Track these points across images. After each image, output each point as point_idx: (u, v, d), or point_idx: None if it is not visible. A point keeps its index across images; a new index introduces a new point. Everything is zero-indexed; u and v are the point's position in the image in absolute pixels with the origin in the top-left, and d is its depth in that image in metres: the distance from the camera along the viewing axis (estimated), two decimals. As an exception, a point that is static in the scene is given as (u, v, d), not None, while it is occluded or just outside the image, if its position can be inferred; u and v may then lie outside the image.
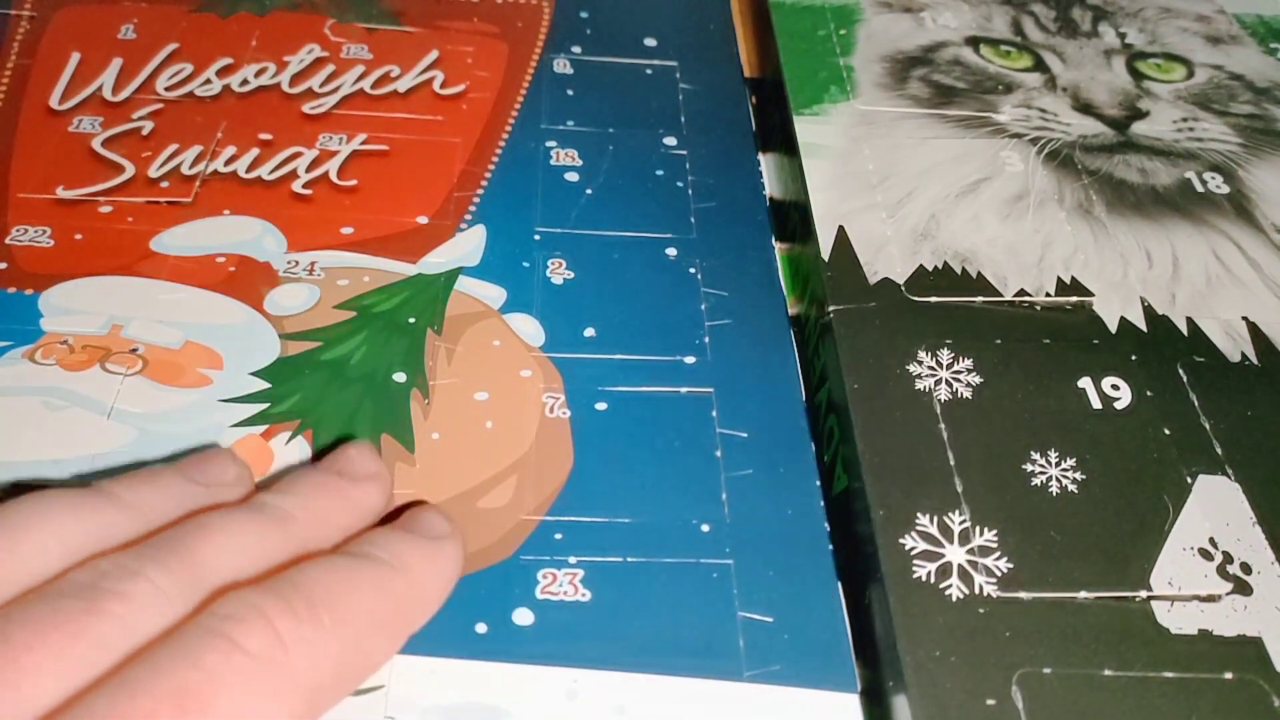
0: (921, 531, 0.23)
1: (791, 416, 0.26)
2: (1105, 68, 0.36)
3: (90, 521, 0.19)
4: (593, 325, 0.28)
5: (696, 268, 0.30)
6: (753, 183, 0.32)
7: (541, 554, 0.23)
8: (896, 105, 0.34)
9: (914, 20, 0.38)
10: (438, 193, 0.31)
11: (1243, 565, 0.23)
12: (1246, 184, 0.32)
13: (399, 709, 0.20)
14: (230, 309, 0.27)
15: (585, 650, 0.22)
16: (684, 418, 0.26)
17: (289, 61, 0.34)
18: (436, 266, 0.29)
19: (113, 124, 0.32)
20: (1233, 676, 0.21)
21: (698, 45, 0.37)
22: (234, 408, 0.25)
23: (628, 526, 0.24)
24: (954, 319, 0.27)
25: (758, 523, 0.24)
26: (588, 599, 0.22)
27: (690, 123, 0.34)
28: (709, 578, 0.23)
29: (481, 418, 0.25)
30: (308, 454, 0.24)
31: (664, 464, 0.25)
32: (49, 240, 0.28)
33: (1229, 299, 0.28)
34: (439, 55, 0.35)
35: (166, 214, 0.29)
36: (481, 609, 0.22)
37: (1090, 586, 0.22)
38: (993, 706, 0.20)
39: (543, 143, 0.33)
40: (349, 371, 0.26)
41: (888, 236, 0.29)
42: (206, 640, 0.17)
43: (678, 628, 0.22)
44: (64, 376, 0.25)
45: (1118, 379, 0.26)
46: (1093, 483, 0.24)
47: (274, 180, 0.30)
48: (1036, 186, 0.31)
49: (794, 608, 0.23)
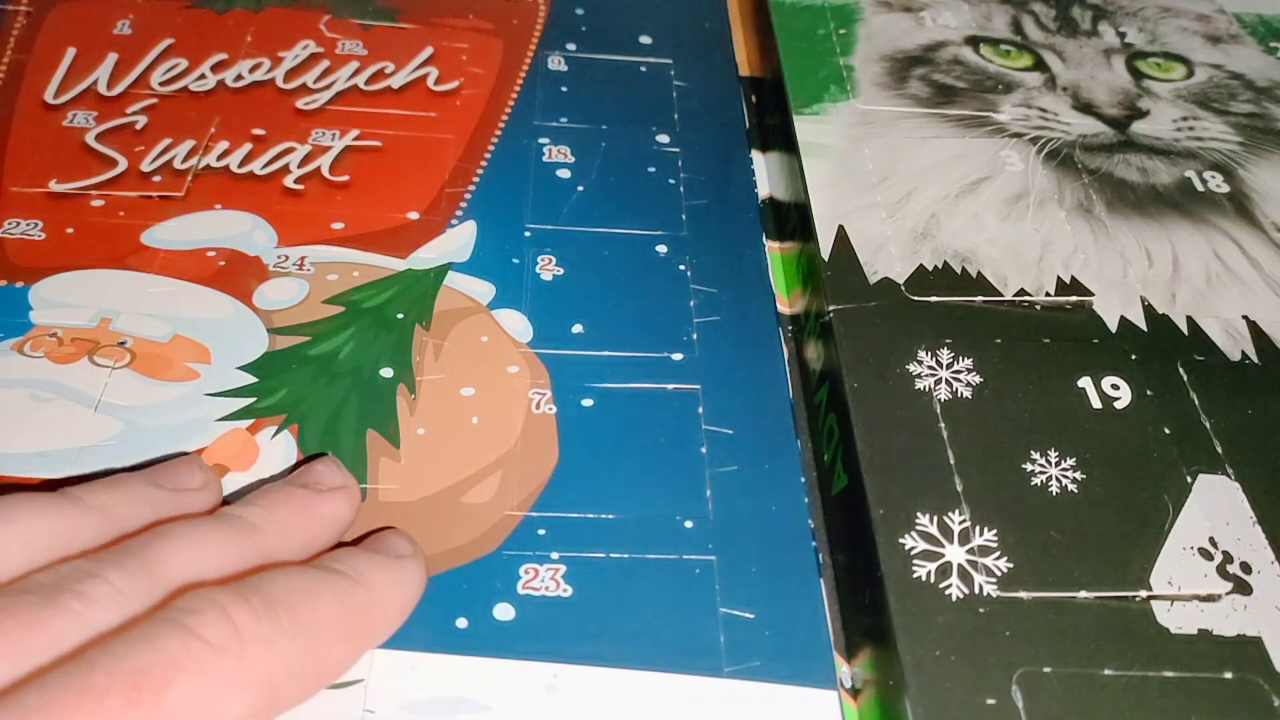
0: (921, 531, 0.23)
1: (778, 413, 0.26)
2: (1105, 67, 0.36)
3: (54, 525, 0.19)
4: (581, 322, 0.28)
5: (686, 265, 0.30)
6: (745, 181, 0.32)
7: (524, 549, 0.23)
8: (896, 105, 0.34)
9: (914, 20, 0.38)
10: (430, 189, 0.31)
11: (1243, 565, 0.23)
12: (1247, 183, 0.32)
13: (378, 703, 0.20)
14: (219, 303, 0.27)
15: (566, 646, 0.22)
16: (670, 414, 0.26)
17: (284, 57, 0.34)
18: (426, 262, 0.29)
19: (107, 118, 0.32)
20: (1233, 676, 0.21)
21: (693, 43, 0.37)
22: (221, 401, 0.25)
23: (611, 523, 0.24)
24: (954, 318, 0.27)
25: (741, 519, 0.24)
26: (569, 594, 0.22)
27: (684, 120, 0.34)
28: (691, 574, 0.23)
29: (467, 413, 0.25)
30: (293, 448, 0.24)
31: (649, 460, 0.25)
32: (40, 234, 0.28)
33: (1229, 298, 0.28)
34: (434, 52, 0.35)
35: (158, 208, 0.29)
36: (462, 604, 0.22)
37: (1090, 586, 0.22)
38: (993, 706, 0.20)
39: (535, 139, 0.33)
40: (336, 366, 0.26)
41: (887, 236, 0.29)
42: (164, 628, 0.17)
43: (659, 624, 0.22)
44: (52, 369, 0.25)
45: (1118, 378, 0.26)
46: (1093, 482, 0.24)
47: (266, 175, 0.31)
48: (1036, 186, 0.31)
49: (775, 604, 0.23)
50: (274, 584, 0.19)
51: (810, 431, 0.27)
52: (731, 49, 0.37)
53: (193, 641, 0.17)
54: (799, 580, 0.23)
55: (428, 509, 0.23)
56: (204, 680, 0.17)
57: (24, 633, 0.17)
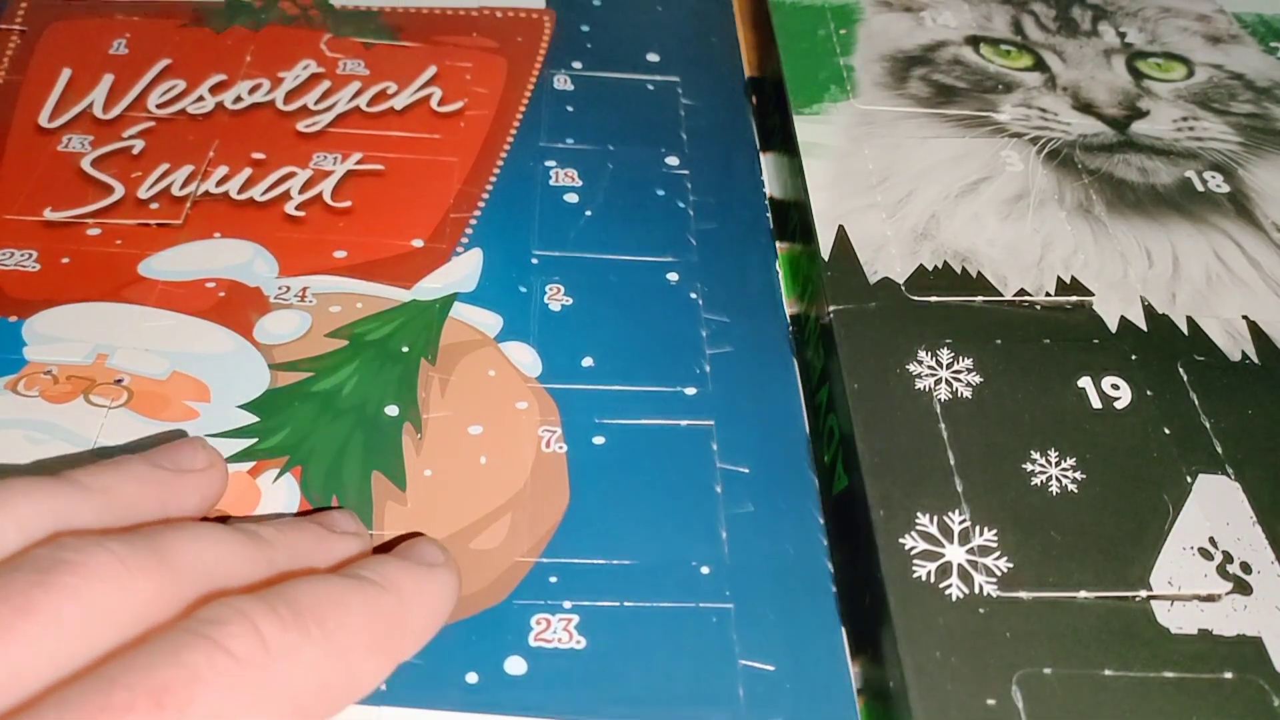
0: (921, 531, 0.23)
1: (794, 450, 0.26)
2: (1105, 67, 0.36)
3: (49, 505, 0.18)
4: (591, 354, 0.27)
5: (697, 293, 0.29)
6: (756, 203, 0.32)
7: (536, 598, 0.22)
8: (896, 105, 0.34)
9: (914, 20, 0.38)
10: (434, 214, 0.30)
11: (1243, 565, 0.23)
12: (1247, 183, 0.32)
13: (386, 763, 0.20)
14: (219, 337, 0.26)
15: (580, 701, 0.21)
16: (684, 452, 0.25)
17: (284, 78, 0.34)
18: (432, 292, 0.28)
19: (103, 143, 0.31)
20: (1233, 676, 0.21)
21: (700, 59, 0.37)
22: (221, 442, 0.24)
23: (625, 569, 0.23)
24: (954, 319, 0.27)
25: (758, 563, 0.23)
26: (583, 646, 0.22)
27: (692, 141, 0.33)
28: (708, 623, 0.22)
29: (475, 453, 0.25)
30: (295, 492, 0.24)
31: (663, 501, 0.24)
32: (35, 264, 0.27)
33: (1229, 298, 0.28)
34: (437, 71, 0.35)
35: (156, 236, 0.29)
36: (473, 657, 0.21)
37: (1090, 586, 0.22)
38: (993, 706, 0.20)
39: (542, 161, 0.32)
40: (339, 404, 0.25)
41: (888, 236, 0.29)
42: (188, 640, 0.16)
43: (675, 677, 0.21)
44: (47, 409, 0.24)
45: (1118, 378, 0.26)
46: (1093, 482, 0.24)
47: (266, 201, 0.30)
48: (1036, 186, 0.31)
49: (796, 655, 0.22)
50: (302, 592, 0.18)
51: (811, 432, 0.26)
52: (740, 65, 0.37)
53: (218, 655, 0.16)
54: (819, 628, 0.22)
55: (435, 555, 0.23)
56: (229, 696, 0.16)
57: (17, 618, 0.16)
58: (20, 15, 0.35)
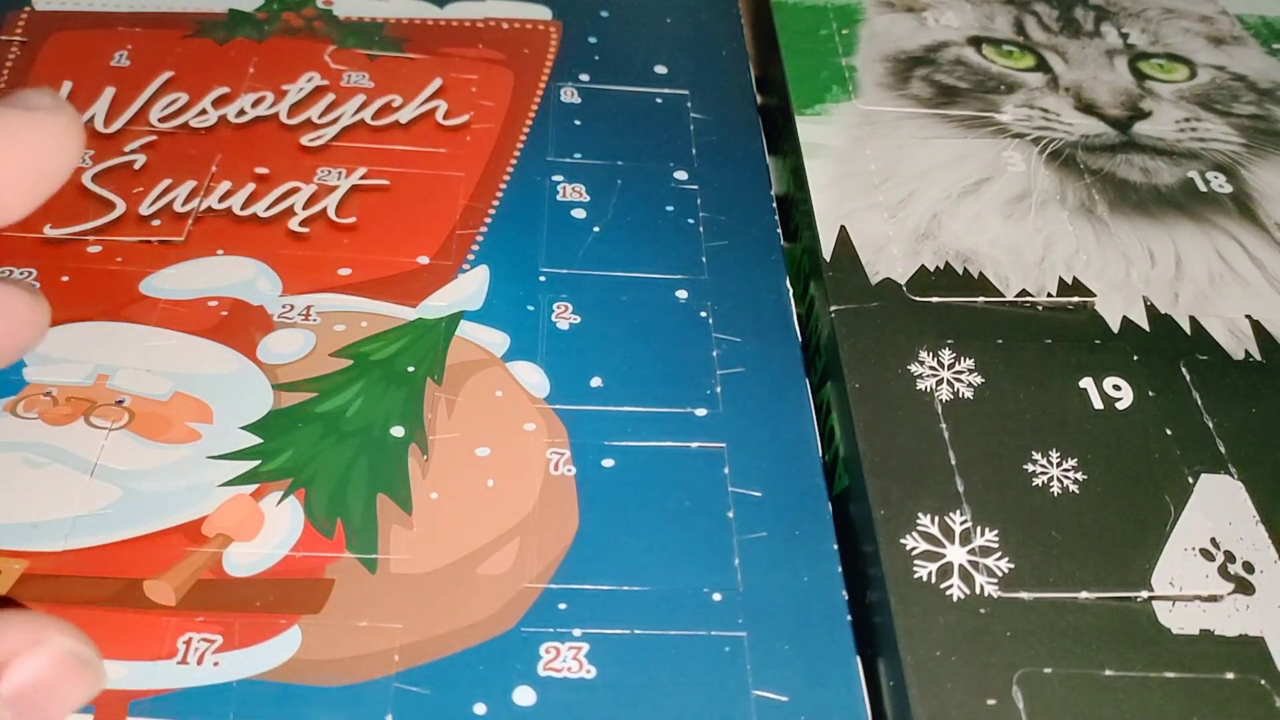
0: (922, 531, 0.23)
1: (808, 473, 0.25)
2: (1107, 68, 0.36)
3: None
4: (600, 374, 0.27)
5: (708, 311, 0.28)
6: (767, 220, 0.31)
7: (545, 626, 0.22)
8: (898, 105, 0.34)
9: (916, 20, 0.38)
10: (440, 231, 0.30)
11: (1245, 565, 0.23)
12: (1249, 183, 0.32)
13: (392, 798, 0.19)
14: (222, 357, 0.26)
15: (590, 733, 0.20)
16: (694, 475, 0.25)
17: (287, 90, 0.33)
18: (437, 311, 0.28)
19: (104, 157, 0.31)
20: (1235, 677, 0.21)
21: (710, 72, 0.36)
22: (223, 465, 0.24)
23: (635, 595, 0.22)
24: (955, 319, 0.27)
25: (772, 590, 0.23)
26: (593, 676, 0.21)
27: (701, 155, 0.33)
28: (721, 652, 0.22)
29: (483, 476, 0.24)
30: (300, 515, 0.23)
31: (673, 526, 0.24)
32: (34, 283, 0.27)
33: (1232, 297, 0.28)
34: (443, 84, 0.34)
35: (158, 254, 0.28)
36: (481, 688, 0.21)
37: (1091, 586, 0.22)
38: (993, 706, 0.20)
39: (549, 176, 0.32)
40: (344, 425, 0.25)
41: (889, 236, 0.29)
42: None
43: (688, 708, 0.21)
44: (46, 431, 0.24)
45: (1119, 379, 0.26)
46: (1094, 483, 0.24)
47: (269, 218, 0.29)
48: (1038, 186, 0.31)
49: (810, 685, 0.21)
50: None
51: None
52: (750, 78, 0.36)
53: None
54: (834, 659, 0.22)
55: (442, 581, 0.22)
56: None
57: None
58: (21, 26, 0.35)
